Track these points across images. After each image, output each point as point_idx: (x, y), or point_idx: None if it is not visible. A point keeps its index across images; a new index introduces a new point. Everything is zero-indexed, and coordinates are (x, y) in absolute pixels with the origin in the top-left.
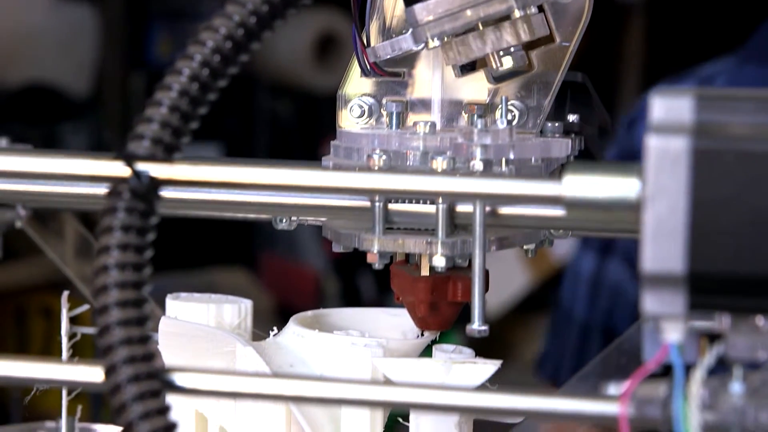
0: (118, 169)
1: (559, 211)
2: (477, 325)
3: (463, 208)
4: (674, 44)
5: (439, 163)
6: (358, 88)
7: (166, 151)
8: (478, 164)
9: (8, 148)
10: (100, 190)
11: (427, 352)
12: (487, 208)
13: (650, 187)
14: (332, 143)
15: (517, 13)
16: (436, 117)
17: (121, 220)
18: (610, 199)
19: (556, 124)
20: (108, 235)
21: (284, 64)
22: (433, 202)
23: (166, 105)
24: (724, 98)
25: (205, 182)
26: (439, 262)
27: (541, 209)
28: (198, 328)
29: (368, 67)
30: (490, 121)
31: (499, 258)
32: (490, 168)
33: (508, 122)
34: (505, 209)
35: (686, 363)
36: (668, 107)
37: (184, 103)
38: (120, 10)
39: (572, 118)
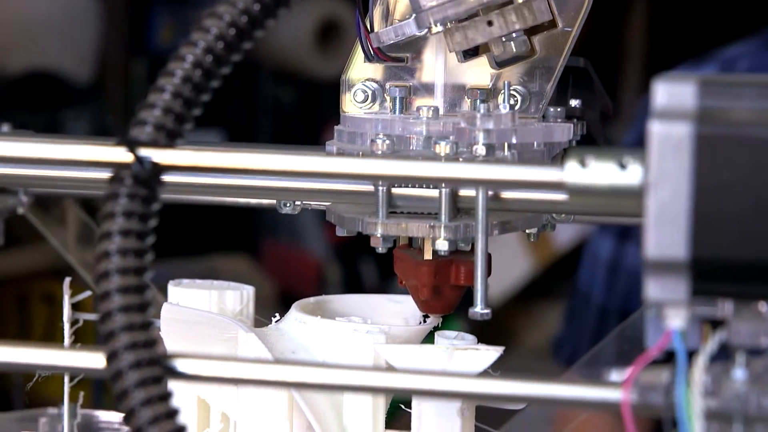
0: (120, 154)
1: (562, 196)
2: (480, 308)
3: (466, 192)
4: (676, 30)
5: (442, 147)
6: (362, 73)
7: (169, 137)
8: (481, 149)
9: (11, 133)
10: (102, 175)
11: (429, 339)
12: (490, 192)
13: (653, 173)
14: (336, 128)
15: None
16: (439, 102)
17: (123, 206)
18: (613, 186)
19: (559, 109)
20: (110, 221)
21: (286, 51)
22: (436, 187)
23: (169, 91)
24: (727, 84)
25: (208, 168)
26: (442, 245)
27: (544, 194)
28: (200, 315)
29: (372, 52)
30: (493, 106)
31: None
32: (492, 152)
33: (511, 107)
34: (507, 193)
35: (689, 349)
36: (671, 93)
37: (187, 89)
38: None
39: (574, 103)
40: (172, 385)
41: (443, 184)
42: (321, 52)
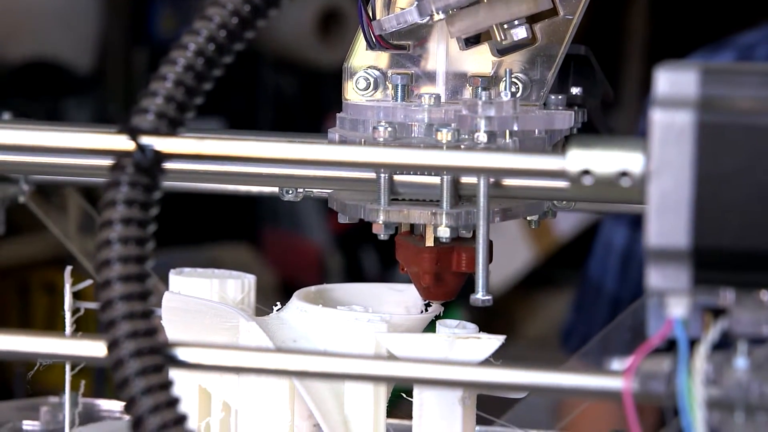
0: (121, 142)
1: (563, 183)
2: (481, 295)
3: (467, 180)
4: (678, 18)
5: (444, 135)
6: (364, 61)
7: (171, 126)
8: (482, 136)
9: (12, 121)
10: (103, 163)
11: (430, 328)
12: (491, 180)
13: (655, 162)
14: (338, 115)
15: None
16: (441, 89)
17: (124, 194)
18: (615, 174)
19: (560, 97)
20: (111, 209)
21: (288, 40)
22: (438, 174)
23: (171, 80)
24: (729, 72)
25: (210, 156)
26: (444, 232)
27: (546, 181)
28: (201, 303)
29: (374, 40)
30: (494, 94)
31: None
32: (494, 140)
33: (512, 94)
34: (509, 181)
35: (690, 338)
36: (673, 81)
37: (189, 78)
38: None
39: (575, 90)
40: (173, 373)
41: (445, 172)
42: (322, 41)
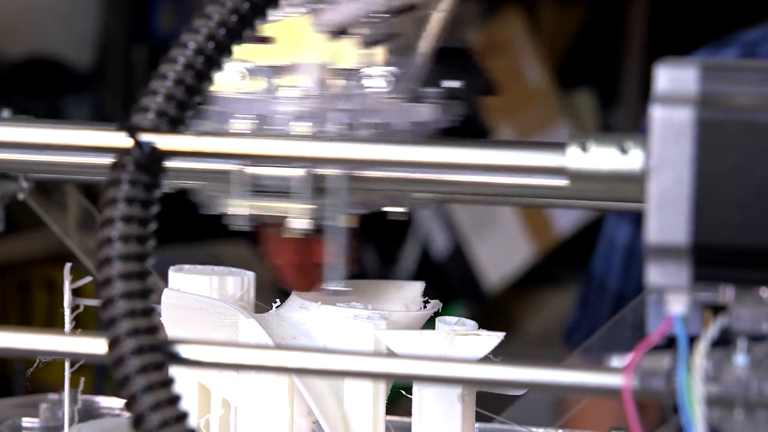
0: (122, 140)
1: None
2: (333, 285)
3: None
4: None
5: (306, 127)
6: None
7: (171, 124)
8: (343, 128)
9: (11, 118)
10: (104, 161)
11: (430, 325)
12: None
13: (655, 159)
14: (206, 107)
15: None
16: (307, 81)
17: (125, 192)
18: (615, 171)
19: (435, 90)
20: (112, 207)
21: None
22: (300, 166)
23: (171, 78)
24: (730, 69)
25: (210, 153)
26: (304, 224)
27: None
28: (201, 300)
29: None
30: (360, 86)
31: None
32: (357, 131)
33: (378, 87)
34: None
35: (690, 335)
36: (673, 78)
37: (189, 76)
38: None
39: (452, 84)
40: (174, 370)
41: (306, 164)
42: None
